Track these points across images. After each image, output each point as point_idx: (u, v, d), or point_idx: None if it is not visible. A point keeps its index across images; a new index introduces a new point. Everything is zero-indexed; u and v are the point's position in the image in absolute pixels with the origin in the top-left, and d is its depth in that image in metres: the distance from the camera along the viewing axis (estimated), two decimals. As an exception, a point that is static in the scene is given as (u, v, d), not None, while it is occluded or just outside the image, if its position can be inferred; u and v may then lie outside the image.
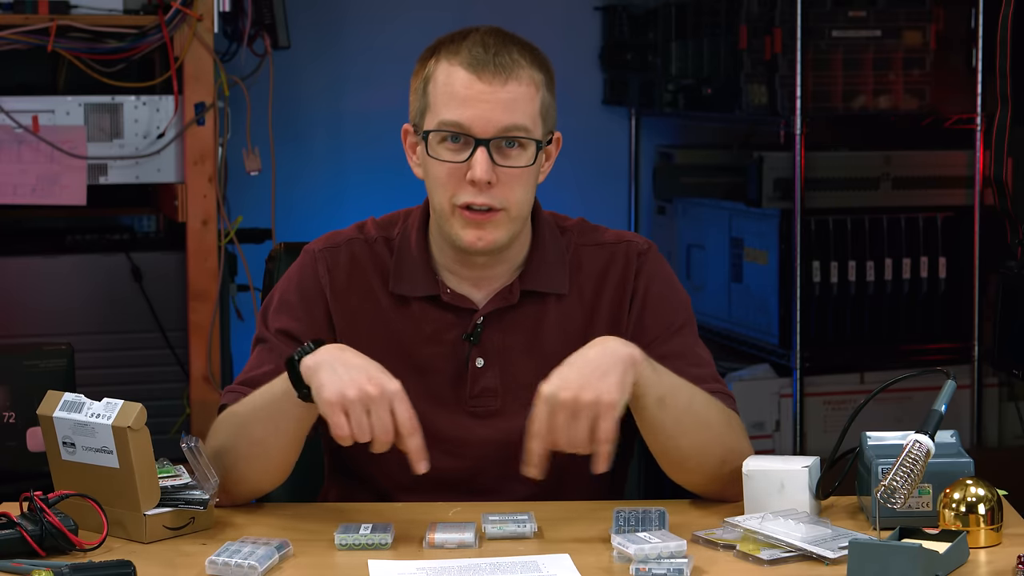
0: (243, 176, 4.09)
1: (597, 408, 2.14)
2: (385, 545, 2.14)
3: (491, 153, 2.30)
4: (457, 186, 2.32)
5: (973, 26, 4.27)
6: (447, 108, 2.31)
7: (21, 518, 2.10)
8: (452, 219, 2.34)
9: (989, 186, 3.60)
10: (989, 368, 4.35)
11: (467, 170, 2.30)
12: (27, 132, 3.70)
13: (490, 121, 2.30)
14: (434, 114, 2.33)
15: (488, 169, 2.29)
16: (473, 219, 2.32)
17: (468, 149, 2.31)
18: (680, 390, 2.29)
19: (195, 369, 3.84)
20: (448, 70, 2.32)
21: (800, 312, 4.23)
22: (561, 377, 2.17)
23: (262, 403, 2.29)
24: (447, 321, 2.41)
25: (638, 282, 2.45)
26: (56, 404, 2.18)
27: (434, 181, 2.34)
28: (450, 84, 2.31)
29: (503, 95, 2.31)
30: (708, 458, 2.31)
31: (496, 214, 2.32)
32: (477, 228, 2.33)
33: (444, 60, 2.34)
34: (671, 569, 2.00)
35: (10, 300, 3.82)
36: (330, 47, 4.78)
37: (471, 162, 2.30)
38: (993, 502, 2.13)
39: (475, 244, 2.33)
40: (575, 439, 2.14)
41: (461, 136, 2.31)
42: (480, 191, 2.31)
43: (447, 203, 2.33)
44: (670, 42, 4.70)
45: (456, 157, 2.31)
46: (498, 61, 2.31)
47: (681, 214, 4.84)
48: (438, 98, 2.32)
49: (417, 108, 2.37)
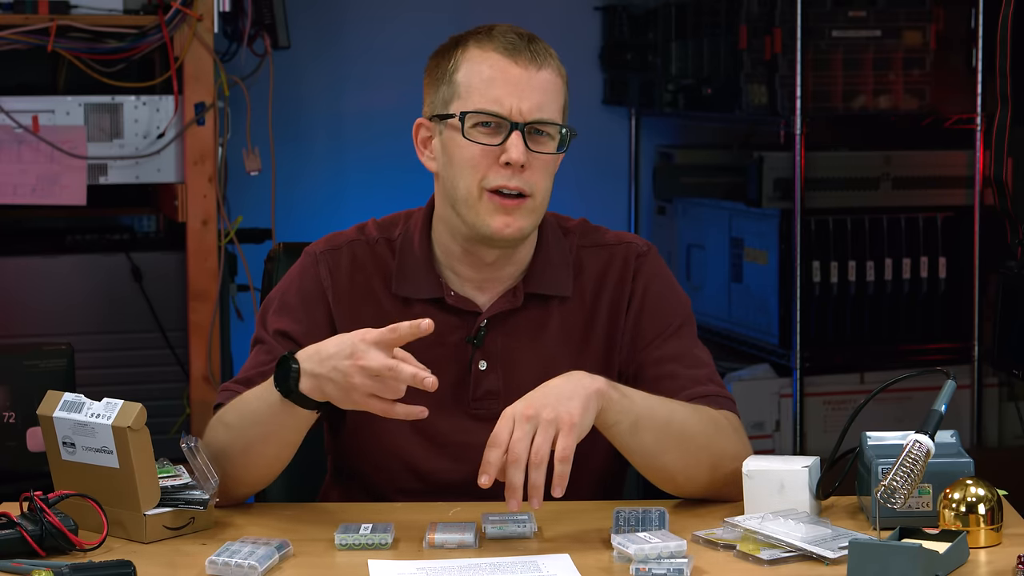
0: (243, 176, 4.09)
1: (557, 425, 2.13)
2: (385, 545, 2.14)
3: (524, 138, 2.31)
4: (488, 168, 2.32)
5: (973, 26, 4.27)
6: (484, 94, 2.32)
7: (21, 518, 2.09)
8: (479, 204, 2.33)
9: (989, 186, 3.60)
10: (989, 368, 4.35)
11: (499, 153, 2.31)
12: (27, 132, 3.70)
13: (526, 108, 2.31)
14: (468, 99, 2.33)
15: (524, 151, 2.30)
16: (503, 204, 2.32)
17: (502, 133, 2.31)
18: (656, 409, 2.28)
19: (195, 369, 3.84)
20: (481, 55, 2.33)
21: (800, 312, 4.23)
22: (525, 399, 2.17)
23: (255, 408, 2.27)
24: (450, 323, 2.41)
25: (636, 284, 2.45)
26: (56, 404, 2.18)
27: (463, 164, 2.33)
28: (485, 68, 2.32)
29: (537, 81, 2.32)
30: (697, 469, 2.30)
31: (524, 201, 2.33)
32: (506, 214, 2.33)
33: (475, 47, 2.34)
34: (671, 569, 2.00)
35: (10, 300, 3.82)
36: (330, 47, 4.78)
37: (506, 145, 2.31)
38: (993, 502, 2.13)
39: (502, 231, 2.33)
40: (536, 450, 2.11)
41: (494, 121, 2.32)
42: (513, 174, 2.31)
43: (475, 187, 2.33)
44: (670, 42, 4.70)
45: (490, 140, 2.32)
46: (533, 48, 2.33)
47: (681, 214, 4.84)
48: (472, 83, 2.33)
49: (440, 98, 2.36)
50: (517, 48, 2.33)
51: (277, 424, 2.24)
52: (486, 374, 2.41)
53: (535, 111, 2.32)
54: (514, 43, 2.33)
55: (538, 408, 2.14)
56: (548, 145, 2.34)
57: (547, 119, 2.33)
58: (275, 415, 2.23)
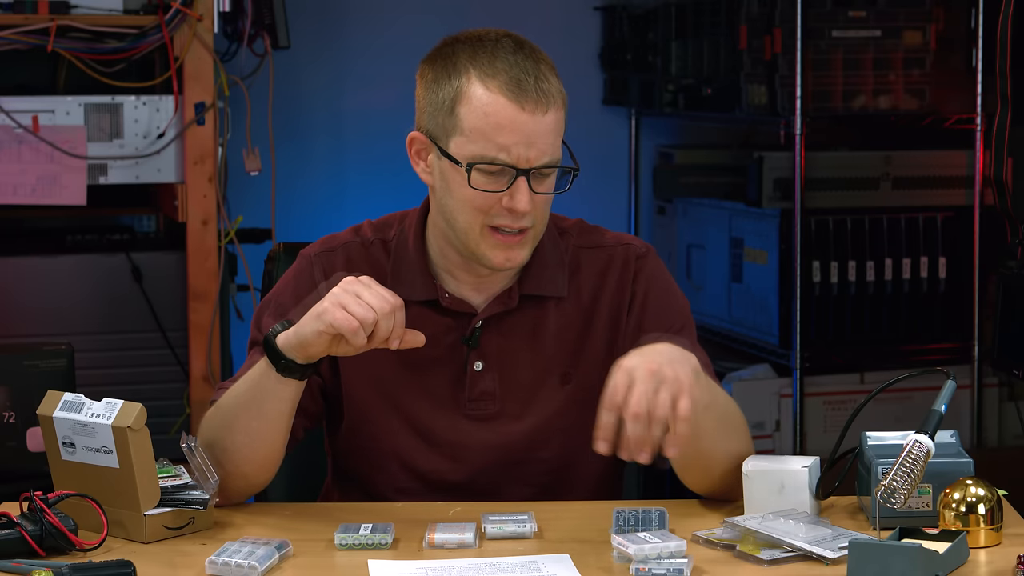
0: (243, 176, 4.09)
1: (678, 385, 2.09)
2: (385, 545, 2.14)
3: (529, 182, 2.29)
4: (491, 208, 2.30)
5: (973, 26, 4.27)
6: (490, 141, 2.27)
7: (21, 518, 2.10)
8: (480, 239, 2.32)
9: (989, 186, 3.61)
10: (989, 368, 4.34)
11: (503, 196, 2.29)
12: (27, 132, 3.70)
13: (533, 156, 2.28)
14: (471, 142, 2.28)
15: (530, 200, 2.29)
16: (505, 241, 2.32)
17: (506, 178, 2.28)
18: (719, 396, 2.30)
19: (195, 369, 3.84)
20: (486, 96, 2.28)
21: (800, 312, 4.23)
22: (640, 354, 2.13)
23: (244, 389, 2.28)
24: (446, 325, 2.41)
25: (636, 286, 2.44)
26: (56, 404, 2.18)
27: (464, 203, 2.31)
28: (491, 112, 2.27)
29: (543, 125, 2.28)
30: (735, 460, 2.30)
31: (525, 233, 2.33)
32: (507, 249, 2.32)
33: (478, 83, 2.29)
34: (671, 569, 2.00)
35: (10, 300, 3.82)
36: (330, 47, 4.78)
37: (511, 191, 2.28)
38: (993, 502, 2.13)
39: (504, 265, 2.33)
40: (656, 408, 2.07)
41: (498, 168, 2.29)
42: (516, 217, 2.30)
43: (477, 224, 2.32)
44: (670, 42, 4.70)
45: (494, 186, 2.29)
46: (539, 88, 2.28)
47: (681, 214, 4.84)
48: (476, 126, 2.28)
49: (438, 124, 2.32)
50: (524, 89, 2.27)
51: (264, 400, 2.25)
52: (482, 375, 2.41)
53: (542, 157, 2.29)
54: (520, 83, 2.27)
55: (660, 365, 2.10)
56: (550, 181, 2.32)
57: (552, 163, 2.30)
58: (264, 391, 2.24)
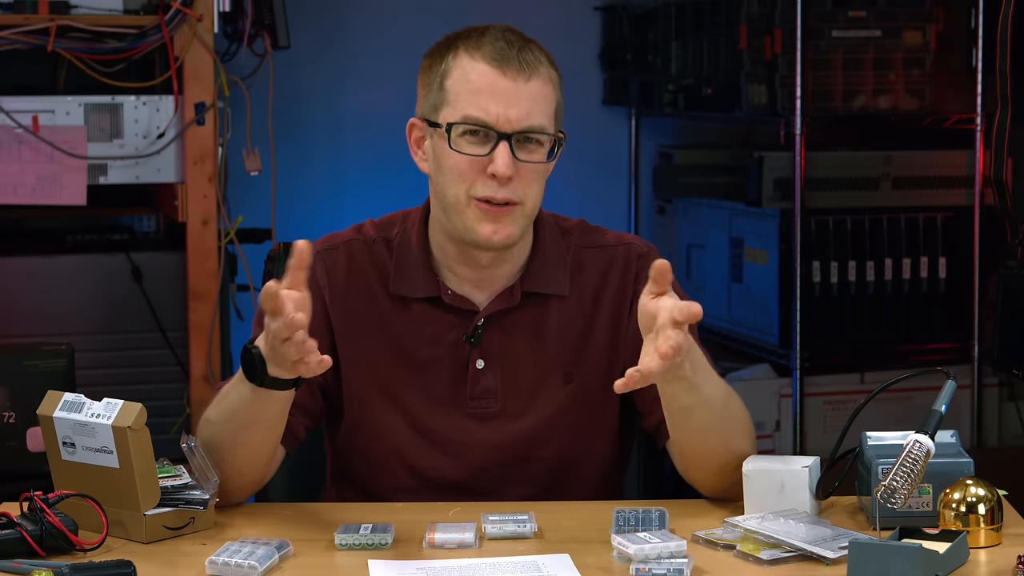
0: (243, 176, 4.09)
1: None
2: (385, 545, 2.14)
3: (512, 148, 2.30)
4: (476, 178, 2.32)
5: (973, 26, 4.27)
6: (471, 102, 2.31)
7: (21, 518, 2.10)
8: (467, 211, 2.33)
9: (989, 186, 3.61)
10: (989, 368, 4.35)
11: (487, 163, 2.31)
12: (27, 132, 3.70)
13: (513, 117, 2.30)
14: (455, 108, 2.32)
15: (510, 163, 2.30)
16: (491, 212, 2.32)
17: (489, 143, 2.31)
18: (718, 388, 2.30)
19: (195, 369, 3.84)
20: (470, 64, 2.32)
21: (800, 312, 4.23)
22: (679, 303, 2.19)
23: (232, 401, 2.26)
24: (448, 322, 2.41)
25: (638, 285, 2.44)
26: (56, 404, 2.18)
27: (451, 172, 2.33)
28: (473, 78, 2.31)
29: (526, 91, 2.31)
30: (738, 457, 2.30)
31: (513, 208, 2.33)
32: (494, 222, 2.32)
33: (464, 54, 2.33)
34: (671, 569, 2.00)
35: (10, 300, 3.82)
36: (330, 47, 4.78)
37: (493, 156, 2.30)
38: (993, 502, 2.13)
39: (491, 238, 2.33)
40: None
41: (482, 130, 2.31)
42: (500, 185, 2.31)
43: (463, 194, 2.33)
44: (670, 42, 4.70)
45: (477, 150, 2.31)
46: (522, 57, 2.32)
47: (681, 214, 4.84)
48: (460, 92, 2.32)
49: (430, 103, 2.36)
50: (506, 58, 2.31)
51: (255, 411, 2.24)
52: (483, 373, 2.41)
53: (523, 120, 2.31)
54: (503, 52, 2.32)
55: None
56: (538, 153, 2.33)
57: (536, 127, 2.32)
58: (250, 404, 2.23)
